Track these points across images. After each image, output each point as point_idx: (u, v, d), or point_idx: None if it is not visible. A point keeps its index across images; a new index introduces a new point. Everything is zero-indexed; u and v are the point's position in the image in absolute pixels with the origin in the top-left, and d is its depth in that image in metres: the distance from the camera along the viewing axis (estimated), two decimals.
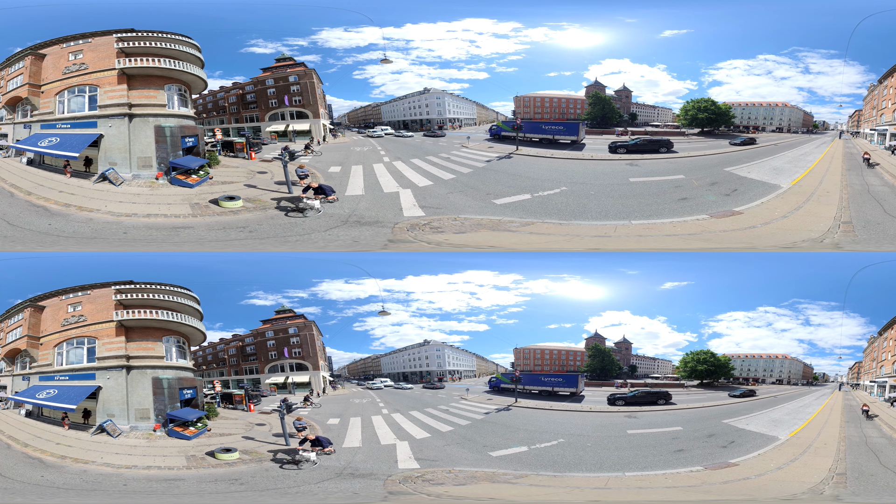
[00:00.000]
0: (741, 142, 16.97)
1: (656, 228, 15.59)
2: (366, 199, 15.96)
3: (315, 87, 16.38)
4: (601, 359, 16.47)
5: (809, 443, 15.80)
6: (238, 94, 16.52)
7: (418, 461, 15.39)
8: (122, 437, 15.77)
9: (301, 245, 15.22)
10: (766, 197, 16.17)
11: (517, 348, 16.41)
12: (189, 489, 14.83)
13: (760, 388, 16.81)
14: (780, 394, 16.82)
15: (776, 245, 15.29)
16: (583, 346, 16.38)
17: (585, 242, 15.38)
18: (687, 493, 14.82)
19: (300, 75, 16.37)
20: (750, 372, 16.60)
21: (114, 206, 15.66)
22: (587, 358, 16.52)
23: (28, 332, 15.88)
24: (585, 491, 14.89)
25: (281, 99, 16.56)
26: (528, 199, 15.99)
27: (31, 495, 14.58)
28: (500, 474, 15.20)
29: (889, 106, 16.30)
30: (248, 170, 16.55)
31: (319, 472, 15.18)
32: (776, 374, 16.69)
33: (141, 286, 15.89)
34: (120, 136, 15.96)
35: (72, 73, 15.90)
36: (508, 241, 15.36)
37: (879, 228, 15.49)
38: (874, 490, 14.74)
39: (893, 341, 15.94)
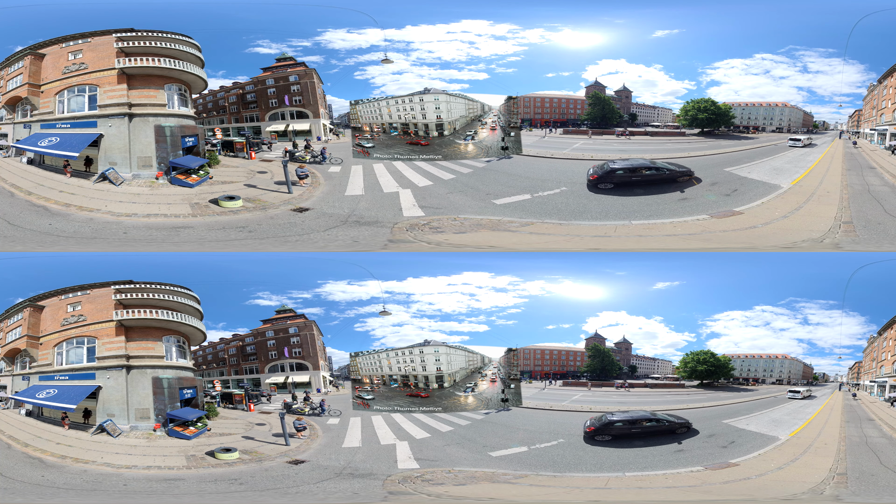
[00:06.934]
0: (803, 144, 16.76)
1: (656, 228, 15.59)
2: (365, 198, 15.98)
3: (315, 86, 16.42)
4: (601, 359, 16.45)
5: (810, 443, 15.78)
6: (238, 94, 16.56)
7: (418, 461, 15.40)
8: (123, 436, 15.79)
9: (301, 245, 15.25)
10: (767, 197, 16.16)
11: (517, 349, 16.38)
12: (189, 489, 14.85)
13: (760, 388, 16.79)
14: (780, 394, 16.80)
15: (776, 245, 15.29)
16: (582, 346, 16.37)
17: (585, 242, 15.38)
18: (687, 493, 14.81)
19: (300, 75, 16.41)
20: (750, 372, 16.58)
21: (114, 206, 15.69)
22: (587, 358, 16.50)
23: (28, 332, 15.91)
24: (585, 491, 14.88)
25: (281, 99, 16.60)
26: (528, 199, 15.99)
27: (32, 495, 14.60)
28: (500, 474, 15.20)
29: (889, 106, 16.29)
30: (248, 170, 16.58)
31: (319, 472, 15.19)
32: (776, 375, 16.66)
33: (141, 286, 15.92)
34: (120, 135, 16.00)
35: (71, 73, 15.94)
36: (508, 242, 15.37)
37: (880, 228, 15.48)
38: (875, 490, 14.72)
39: (893, 341, 15.92)
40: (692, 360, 16.26)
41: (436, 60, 15.96)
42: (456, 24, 16.00)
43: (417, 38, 15.96)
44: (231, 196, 15.90)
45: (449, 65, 15.99)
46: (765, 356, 16.46)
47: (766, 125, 16.86)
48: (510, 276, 15.91)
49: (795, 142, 16.77)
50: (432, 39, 15.98)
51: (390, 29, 15.93)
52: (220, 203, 15.84)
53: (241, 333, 16.44)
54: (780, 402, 16.62)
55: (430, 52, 15.96)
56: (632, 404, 16.22)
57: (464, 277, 15.87)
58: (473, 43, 16.01)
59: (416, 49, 15.94)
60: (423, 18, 16.00)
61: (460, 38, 16.00)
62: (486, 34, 16.00)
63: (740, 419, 16.26)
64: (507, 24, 16.01)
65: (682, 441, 15.85)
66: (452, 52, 15.96)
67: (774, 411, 16.51)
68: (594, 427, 15.84)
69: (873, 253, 15.24)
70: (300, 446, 15.80)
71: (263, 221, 15.63)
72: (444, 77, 16.04)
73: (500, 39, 16.02)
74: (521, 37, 16.01)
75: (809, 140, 16.79)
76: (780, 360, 16.55)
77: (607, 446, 15.70)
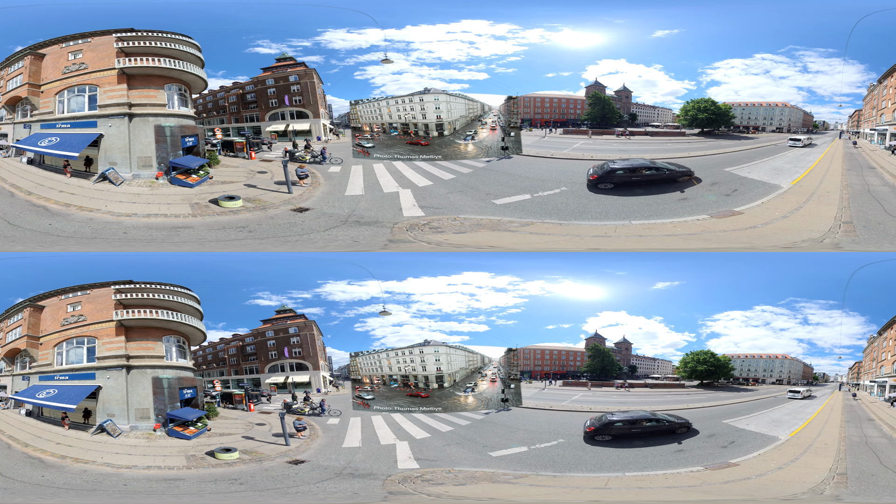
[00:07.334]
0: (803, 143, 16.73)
1: (656, 228, 15.59)
2: (365, 198, 15.98)
3: (315, 86, 16.42)
4: (601, 359, 16.45)
5: (810, 443, 15.77)
6: (238, 94, 16.55)
7: (418, 461, 15.40)
8: (123, 436, 15.79)
9: (301, 245, 15.25)
10: (767, 197, 16.15)
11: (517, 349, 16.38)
12: (189, 489, 14.85)
13: (760, 388, 16.78)
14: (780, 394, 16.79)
15: (776, 245, 15.29)
16: (582, 346, 16.36)
17: (585, 242, 15.38)
18: (687, 493, 14.80)
19: (300, 75, 16.40)
20: (750, 372, 16.57)
21: (114, 206, 15.69)
22: (587, 358, 16.49)
23: (28, 332, 15.90)
24: (585, 491, 14.88)
25: (281, 99, 16.60)
26: (528, 199, 15.99)
27: (32, 495, 14.60)
28: (500, 474, 15.20)
29: (889, 106, 16.28)
30: (248, 170, 16.58)
31: (319, 472, 15.19)
32: (776, 375, 16.65)
33: (141, 286, 15.92)
34: (120, 135, 16.00)
35: (71, 73, 15.94)
36: (508, 242, 15.37)
37: (880, 228, 15.48)
38: (875, 490, 14.72)
39: (893, 341, 15.91)
40: (692, 360, 16.25)
41: (436, 60, 15.96)
42: (456, 24, 16.00)
43: (417, 38, 15.96)
44: (231, 196, 15.90)
45: (449, 65, 15.99)
46: (765, 356, 16.45)
47: (766, 125, 16.85)
48: (510, 276, 15.91)
49: (795, 142, 16.76)
50: (432, 39, 15.98)
51: (390, 29, 15.93)
52: (220, 203, 15.84)
53: (241, 333, 16.44)
54: (780, 402, 16.61)
55: (430, 52, 15.96)
56: (632, 404, 16.21)
57: (464, 277, 15.87)
58: (473, 43, 16.02)
59: (416, 49, 15.94)
60: (423, 18, 16.00)
61: (460, 38, 16.00)
62: (486, 34, 16.00)
63: (740, 419, 16.25)
64: (507, 24, 16.01)
65: (682, 441, 15.84)
66: (452, 52, 15.97)
67: (774, 411, 16.50)
68: (594, 427, 15.83)
69: (873, 253, 15.24)
70: (300, 446, 15.80)
71: (263, 221, 15.63)
72: (444, 77, 16.05)
73: (500, 39, 16.02)
74: (521, 37, 16.01)
75: (809, 140, 16.78)
76: (780, 360, 16.54)
77: (607, 446, 15.70)
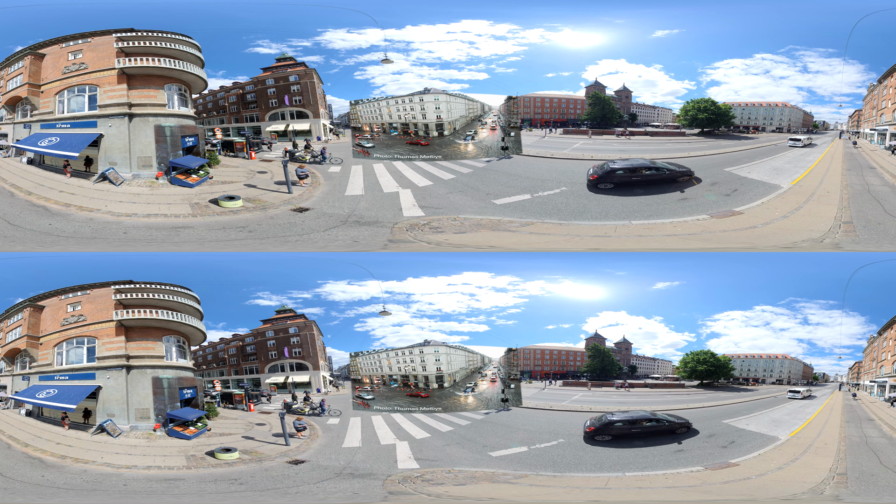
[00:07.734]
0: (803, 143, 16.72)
1: (656, 228, 15.59)
2: (365, 198, 15.98)
3: (315, 86, 16.42)
4: (601, 359, 16.45)
5: (810, 442, 15.77)
6: (238, 94, 16.56)
7: (418, 461, 15.40)
8: (123, 436, 15.79)
9: (301, 245, 15.25)
10: (767, 197, 16.15)
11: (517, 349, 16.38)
12: (189, 489, 14.85)
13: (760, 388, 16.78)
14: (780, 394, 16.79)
15: (776, 245, 15.29)
16: (582, 346, 16.36)
17: (585, 242, 15.38)
18: (687, 493, 14.80)
19: (300, 75, 16.40)
20: (750, 372, 16.57)
21: (114, 206, 15.69)
22: (587, 358, 16.49)
23: (28, 332, 15.90)
24: (585, 491, 14.88)
25: (281, 99, 16.60)
26: (528, 199, 15.99)
27: (32, 495, 14.60)
28: (500, 474, 15.20)
29: (889, 106, 16.28)
30: (248, 170, 16.58)
31: (319, 472, 15.19)
32: (776, 375, 16.65)
33: (141, 286, 15.92)
34: (120, 135, 16.00)
35: (71, 73, 15.94)
36: (508, 242, 15.37)
37: (880, 228, 15.48)
38: (875, 490, 14.72)
39: (893, 341, 15.91)
40: (692, 360, 16.25)
41: (436, 60, 15.96)
42: (456, 24, 16.00)
43: (417, 38, 15.96)
44: (231, 196, 15.90)
45: (449, 65, 15.99)
46: (765, 356, 16.45)
47: (766, 125, 16.85)
48: (510, 276, 15.91)
49: (795, 142, 16.76)
50: (432, 39, 15.98)
51: (390, 29, 15.93)
52: (220, 203, 15.84)
53: (241, 333, 16.44)
54: (780, 402, 16.61)
55: (430, 52, 15.96)
56: (632, 404, 16.21)
57: (464, 277, 15.87)
58: (473, 43, 16.02)
59: (416, 49, 15.94)
60: (423, 18, 16.00)
61: (460, 38, 16.00)
62: (486, 34, 16.00)
63: (740, 419, 16.25)
64: (507, 24, 16.01)
65: (682, 441, 15.84)
66: (452, 52, 15.97)
67: (774, 411, 16.50)
68: (594, 427, 15.83)
69: (873, 253, 15.24)
70: (300, 446, 15.80)
71: (263, 221, 15.63)
72: (444, 77, 16.05)
73: (500, 39, 16.02)
74: (521, 37, 16.01)
75: (809, 140, 16.78)
76: (780, 360, 16.54)
77: (607, 446, 15.70)
